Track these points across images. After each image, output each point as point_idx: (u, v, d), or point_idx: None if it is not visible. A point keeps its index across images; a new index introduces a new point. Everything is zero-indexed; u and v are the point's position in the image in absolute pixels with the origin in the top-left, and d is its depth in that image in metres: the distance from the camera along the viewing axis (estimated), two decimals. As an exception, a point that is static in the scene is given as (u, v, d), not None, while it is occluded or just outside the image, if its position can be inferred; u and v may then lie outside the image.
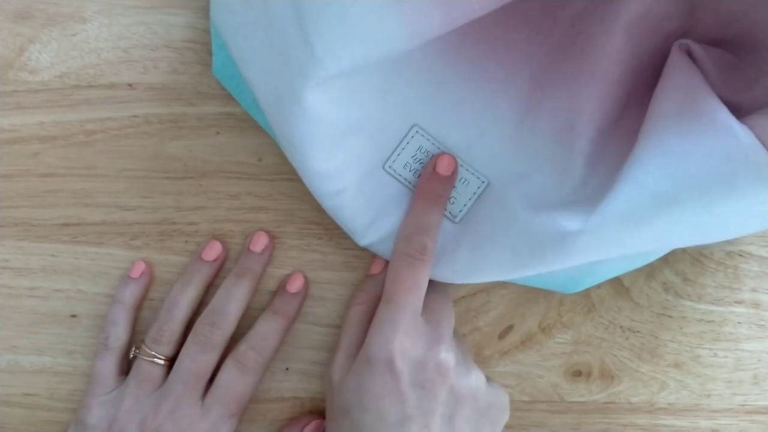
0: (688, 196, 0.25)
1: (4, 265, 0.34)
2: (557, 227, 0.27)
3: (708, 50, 0.28)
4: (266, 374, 0.33)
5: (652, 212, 0.26)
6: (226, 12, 0.28)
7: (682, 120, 0.26)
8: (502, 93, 0.31)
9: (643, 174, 0.26)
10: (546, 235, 0.28)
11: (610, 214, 0.26)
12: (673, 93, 0.27)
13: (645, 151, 0.26)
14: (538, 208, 0.29)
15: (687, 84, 0.27)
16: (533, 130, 0.31)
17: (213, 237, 0.33)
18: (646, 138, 0.27)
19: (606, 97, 0.30)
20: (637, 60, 0.30)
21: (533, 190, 0.30)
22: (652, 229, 0.26)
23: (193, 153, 0.34)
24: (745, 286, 0.34)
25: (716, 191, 0.25)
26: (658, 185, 0.26)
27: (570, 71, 0.30)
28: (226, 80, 0.32)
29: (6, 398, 0.34)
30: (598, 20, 0.30)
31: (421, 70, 0.30)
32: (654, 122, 0.27)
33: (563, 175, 0.30)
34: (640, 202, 0.26)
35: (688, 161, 0.25)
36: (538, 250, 0.28)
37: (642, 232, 0.26)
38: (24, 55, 0.33)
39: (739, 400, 0.34)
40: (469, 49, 0.31)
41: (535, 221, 0.28)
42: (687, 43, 0.28)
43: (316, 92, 0.25)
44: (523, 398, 0.34)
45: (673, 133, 0.26)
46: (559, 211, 0.28)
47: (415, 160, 0.32)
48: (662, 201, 0.25)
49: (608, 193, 0.27)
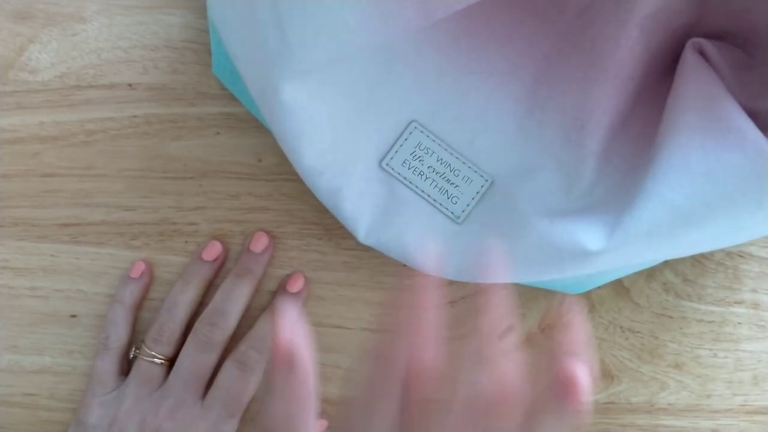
0: (715, 214, 0.24)
1: (4, 265, 0.34)
2: (577, 242, 0.26)
3: (721, 49, 0.28)
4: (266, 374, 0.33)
5: (677, 230, 0.25)
6: (219, 6, 0.27)
7: (707, 134, 0.25)
8: (506, 86, 0.31)
9: (669, 191, 0.25)
10: (565, 251, 0.27)
11: (634, 231, 0.26)
12: (693, 102, 0.26)
13: (668, 165, 0.26)
14: (552, 215, 0.28)
15: (707, 92, 0.26)
16: (540, 127, 0.30)
17: (213, 237, 0.33)
18: (668, 150, 0.26)
19: (618, 94, 0.29)
20: (649, 55, 0.29)
21: (542, 192, 0.30)
22: (676, 244, 0.25)
23: (193, 153, 0.34)
24: (745, 286, 0.34)
25: (745, 209, 0.24)
26: (684, 203, 0.25)
27: (580, 66, 0.30)
28: (226, 77, 0.32)
29: (6, 398, 0.34)
30: (611, 14, 0.29)
31: (417, 61, 0.30)
32: (674, 134, 0.26)
33: (572, 176, 0.30)
34: (665, 219, 0.25)
35: (717, 180, 0.24)
36: (556, 262, 0.27)
37: (665, 246, 0.26)
38: (24, 55, 0.33)
39: (739, 400, 0.34)
40: (470, 40, 0.30)
41: (551, 232, 0.27)
42: (700, 42, 0.28)
43: (293, 85, 0.25)
44: (523, 398, 0.34)
45: (698, 147, 0.25)
46: (576, 222, 0.27)
47: (415, 157, 0.31)
48: (688, 219, 0.25)
49: (630, 210, 0.26)
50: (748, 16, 0.28)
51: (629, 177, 0.28)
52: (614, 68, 0.29)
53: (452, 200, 0.31)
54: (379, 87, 0.29)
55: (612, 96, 0.29)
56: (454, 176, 0.31)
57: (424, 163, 0.31)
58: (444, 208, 0.31)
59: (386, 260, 0.33)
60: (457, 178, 0.31)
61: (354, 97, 0.28)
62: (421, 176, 0.31)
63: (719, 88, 0.26)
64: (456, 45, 0.30)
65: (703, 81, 0.27)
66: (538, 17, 0.30)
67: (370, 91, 0.29)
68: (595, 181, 0.29)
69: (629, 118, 0.30)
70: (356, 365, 0.32)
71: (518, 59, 0.30)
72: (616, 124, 0.29)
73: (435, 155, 0.31)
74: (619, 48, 0.28)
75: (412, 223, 0.31)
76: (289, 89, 0.25)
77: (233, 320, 0.31)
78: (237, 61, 0.27)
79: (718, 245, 0.26)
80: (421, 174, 0.31)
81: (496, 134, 0.31)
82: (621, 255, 0.26)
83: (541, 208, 0.29)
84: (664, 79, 0.28)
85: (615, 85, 0.29)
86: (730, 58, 0.28)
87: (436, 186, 0.31)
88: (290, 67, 0.24)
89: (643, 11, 0.28)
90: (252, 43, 0.26)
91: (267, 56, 0.25)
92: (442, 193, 0.31)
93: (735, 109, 0.25)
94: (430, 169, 0.31)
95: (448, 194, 0.31)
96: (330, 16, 0.23)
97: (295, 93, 0.25)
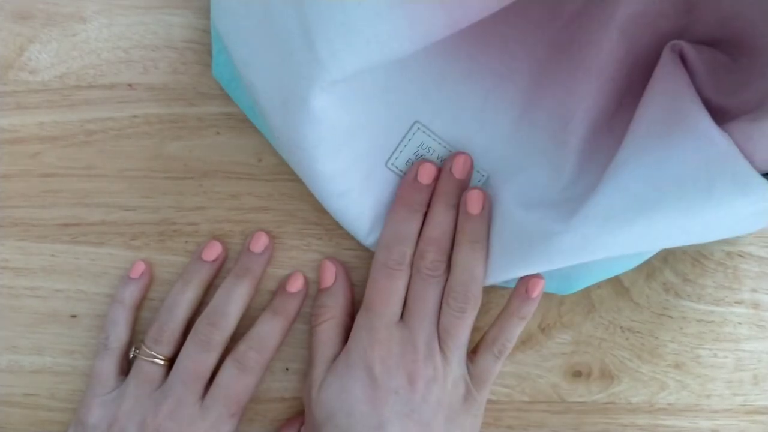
0: (666, 200, 0.25)
1: (4, 265, 0.34)
2: (544, 227, 0.27)
3: (701, 51, 0.28)
4: (266, 374, 0.33)
5: (631, 214, 0.26)
6: (226, 15, 0.27)
7: (666, 125, 0.26)
8: (501, 88, 0.32)
9: (625, 177, 0.26)
10: (534, 235, 0.28)
11: (592, 215, 0.26)
12: (660, 97, 0.27)
13: (628, 153, 0.27)
14: (529, 206, 0.29)
15: (674, 89, 0.27)
16: (532, 126, 0.32)
17: (213, 237, 0.33)
18: (631, 141, 0.27)
19: (600, 94, 0.30)
20: (632, 58, 0.30)
21: (527, 187, 0.31)
22: (633, 231, 0.26)
23: (193, 153, 0.34)
24: (745, 286, 0.34)
25: (694, 196, 0.25)
26: (637, 188, 0.26)
27: (567, 68, 0.31)
28: (226, 83, 0.32)
29: (6, 398, 0.34)
30: (595, 17, 0.30)
31: (423, 67, 0.31)
32: (639, 125, 0.27)
33: (556, 172, 0.31)
34: (620, 203, 0.26)
35: (668, 166, 0.25)
36: (526, 248, 0.28)
37: (623, 233, 0.26)
38: (24, 55, 0.33)
39: (739, 400, 0.34)
40: (469, 45, 0.31)
41: (525, 219, 0.29)
42: (679, 44, 0.29)
43: (322, 95, 0.25)
44: (523, 398, 0.34)
45: (656, 137, 0.26)
46: (548, 210, 0.28)
47: (417, 156, 0.32)
48: (641, 204, 0.26)
49: (593, 196, 0.27)
50: (736, 22, 0.28)
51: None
52: (596, 69, 0.30)
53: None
54: (390, 92, 0.30)
55: (594, 96, 0.30)
56: None
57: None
58: None
59: (386, 260, 0.33)
60: None
61: (369, 103, 0.29)
62: None
63: (684, 84, 0.27)
64: (456, 50, 0.31)
65: (673, 79, 0.27)
66: (532, 23, 0.31)
67: (383, 96, 0.30)
68: (576, 176, 0.30)
69: (614, 119, 0.31)
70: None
71: (513, 63, 0.31)
72: (598, 123, 0.30)
73: (436, 153, 0.32)
74: (602, 50, 0.29)
75: None
76: (319, 100, 0.25)
77: (233, 320, 0.31)
78: (246, 69, 0.27)
79: (683, 239, 0.27)
80: None
81: (492, 133, 0.32)
82: (581, 240, 0.27)
83: (523, 200, 0.30)
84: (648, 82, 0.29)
85: (597, 86, 0.30)
86: (709, 59, 0.28)
87: None
88: (321, 77, 0.24)
89: (623, 13, 0.29)
90: (271, 55, 0.26)
91: (293, 67, 0.25)
92: None
93: (693, 101, 0.26)
94: None
95: None
96: (362, 27, 0.23)
97: (325, 103, 0.26)
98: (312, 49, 0.24)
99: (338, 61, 0.24)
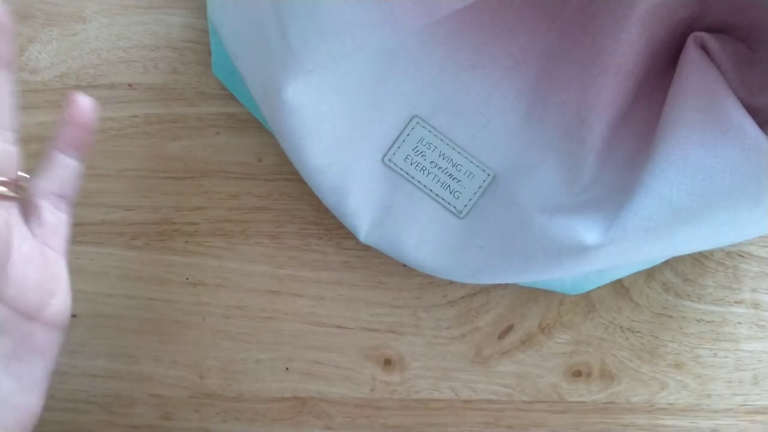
0: (712, 211, 0.25)
1: (4, 265, 0.34)
2: (575, 237, 0.27)
3: (723, 44, 0.28)
4: (266, 374, 0.33)
5: (675, 226, 0.25)
6: (219, 8, 0.28)
7: (706, 130, 0.25)
8: (507, 81, 0.31)
9: (667, 187, 0.25)
10: (564, 246, 0.27)
11: (632, 227, 0.26)
12: (693, 98, 0.26)
13: (667, 162, 0.26)
14: (551, 210, 0.28)
15: (707, 88, 0.26)
16: (541, 122, 0.30)
17: (213, 237, 0.33)
18: (667, 146, 0.26)
19: (619, 90, 0.29)
20: (650, 51, 0.29)
21: (542, 187, 0.30)
22: (673, 241, 0.25)
23: (193, 153, 0.34)
24: (745, 286, 0.34)
25: (743, 207, 0.24)
26: (682, 200, 0.25)
27: (581, 61, 0.29)
28: (226, 77, 0.32)
29: (5, 398, 0.34)
30: (612, 10, 0.29)
31: (418, 58, 0.30)
32: (673, 130, 0.26)
33: (573, 171, 0.30)
34: (663, 216, 0.25)
35: (715, 178, 0.24)
36: (554, 257, 0.27)
37: (662, 243, 0.26)
38: (24, 55, 0.33)
39: (739, 400, 0.34)
40: (472, 35, 0.30)
41: (550, 226, 0.28)
42: (702, 37, 0.28)
43: (297, 85, 0.25)
44: (523, 398, 0.34)
45: (697, 144, 0.25)
46: (575, 217, 0.27)
47: (417, 152, 0.31)
48: (686, 216, 0.25)
49: (628, 205, 0.26)
50: (750, 10, 0.28)
51: (629, 172, 0.28)
52: (615, 64, 0.29)
53: (454, 195, 0.31)
54: (382, 84, 0.29)
55: (612, 92, 0.29)
56: (457, 171, 0.31)
57: (426, 158, 0.31)
58: (446, 203, 0.31)
59: (386, 260, 0.33)
60: (459, 173, 0.31)
61: (356, 95, 0.28)
62: (423, 171, 0.31)
63: (720, 84, 0.26)
64: (457, 40, 0.30)
65: (703, 77, 0.27)
66: (540, 12, 0.30)
67: (373, 88, 0.29)
68: (595, 176, 0.29)
69: (630, 113, 0.30)
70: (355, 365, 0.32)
71: (520, 54, 0.30)
72: (616, 119, 0.29)
73: (437, 150, 0.31)
74: (620, 44, 0.28)
75: (415, 219, 0.31)
76: (292, 89, 0.25)
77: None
78: (238, 61, 0.27)
79: (717, 243, 0.26)
80: (424, 169, 0.31)
81: (498, 129, 0.31)
82: (618, 251, 0.26)
83: (541, 203, 0.29)
84: (665, 75, 0.28)
85: (616, 81, 0.29)
86: (732, 53, 0.28)
87: (438, 181, 0.31)
88: (292, 67, 0.24)
89: (643, 6, 0.28)
90: (253, 44, 0.26)
91: (269, 57, 0.25)
92: (444, 188, 0.31)
93: (735, 106, 0.25)
94: (432, 165, 0.31)
95: (450, 189, 0.31)
96: (331, 16, 0.23)
97: (298, 93, 0.25)
98: (284, 37, 0.24)
99: (309, 50, 0.24)
